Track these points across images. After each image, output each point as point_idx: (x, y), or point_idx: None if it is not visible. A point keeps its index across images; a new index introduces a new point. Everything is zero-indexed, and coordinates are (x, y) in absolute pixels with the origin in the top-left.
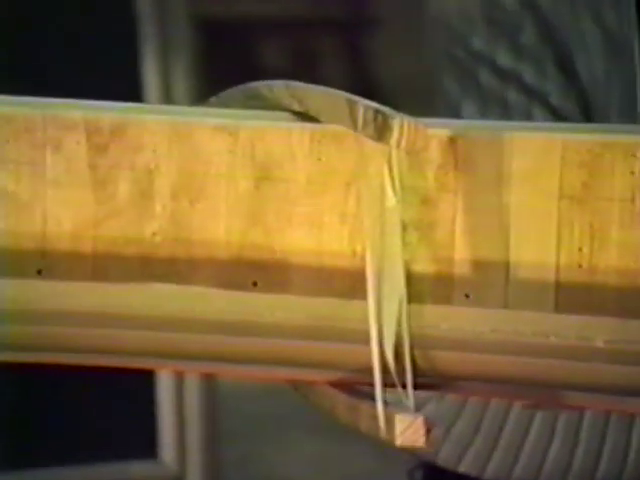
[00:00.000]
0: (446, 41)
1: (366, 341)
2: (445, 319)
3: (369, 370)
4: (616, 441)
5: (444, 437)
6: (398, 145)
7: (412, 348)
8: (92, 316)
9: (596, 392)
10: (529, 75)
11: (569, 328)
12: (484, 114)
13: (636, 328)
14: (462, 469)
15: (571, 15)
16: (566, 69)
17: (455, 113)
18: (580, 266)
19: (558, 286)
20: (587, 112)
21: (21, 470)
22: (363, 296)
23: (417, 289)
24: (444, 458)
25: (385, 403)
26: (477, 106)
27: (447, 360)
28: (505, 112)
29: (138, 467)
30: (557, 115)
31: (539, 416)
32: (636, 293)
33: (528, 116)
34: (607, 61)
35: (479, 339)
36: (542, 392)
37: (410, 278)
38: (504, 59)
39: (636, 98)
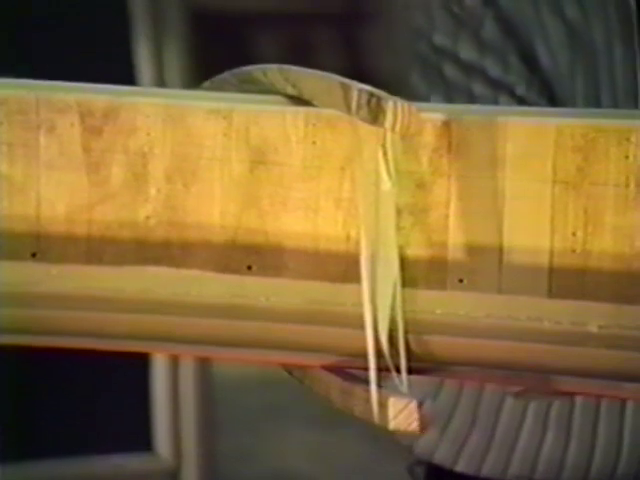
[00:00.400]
0: (410, 37)
1: (360, 325)
2: (439, 304)
3: (363, 354)
4: (608, 434)
5: (440, 437)
6: (392, 128)
7: (406, 333)
8: (86, 299)
9: (590, 377)
10: (493, 68)
11: (563, 313)
12: None
13: (630, 313)
14: (459, 468)
15: (532, 8)
16: (529, 61)
17: None
18: (574, 251)
19: (552, 271)
20: (552, 102)
21: (15, 463)
22: (357, 280)
23: (411, 273)
24: (441, 458)
25: (379, 387)
26: (444, 100)
27: (441, 345)
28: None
29: (134, 460)
30: (524, 106)
31: (531, 411)
32: (630, 278)
33: None
34: (570, 52)
35: (473, 324)
36: (536, 377)
37: (404, 262)
38: (467, 53)
39: (599, 88)
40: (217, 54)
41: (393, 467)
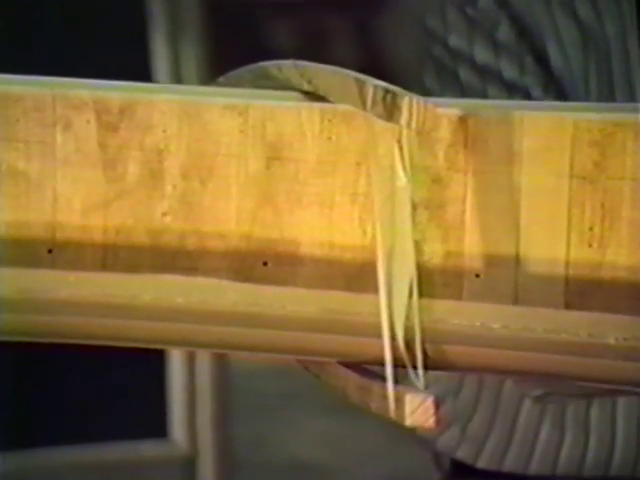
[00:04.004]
0: (424, 40)
1: (377, 334)
2: (456, 314)
3: (380, 362)
4: (627, 427)
5: (461, 435)
6: (408, 125)
7: (423, 341)
8: (101, 306)
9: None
10: (509, 70)
11: (580, 325)
12: None
13: None
14: (480, 465)
15: (544, 9)
16: (544, 63)
17: None
18: (590, 245)
19: (568, 265)
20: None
21: (31, 448)
22: (373, 289)
23: (427, 269)
24: (462, 455)
25: (396, 383)
26: None
27: (458, 353)
28: None
29: (149, 446)
30: None
31: (549, 412)
32: None
33: None
34: (583, 53)
35: (490, 335)
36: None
37: (420, 257)
38: (482, 55)
39: (614, 88)
40: (235, 43)
41: (409, 455)
